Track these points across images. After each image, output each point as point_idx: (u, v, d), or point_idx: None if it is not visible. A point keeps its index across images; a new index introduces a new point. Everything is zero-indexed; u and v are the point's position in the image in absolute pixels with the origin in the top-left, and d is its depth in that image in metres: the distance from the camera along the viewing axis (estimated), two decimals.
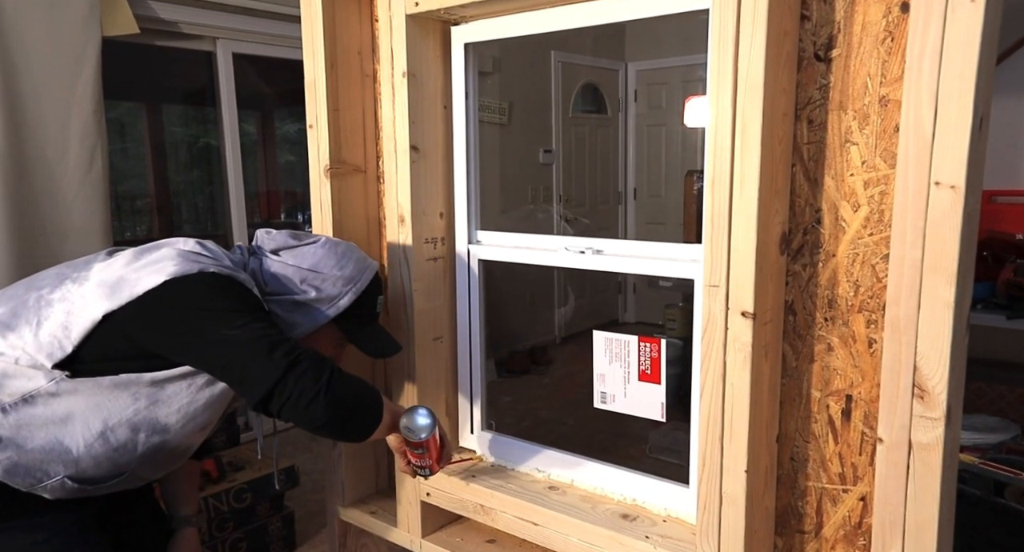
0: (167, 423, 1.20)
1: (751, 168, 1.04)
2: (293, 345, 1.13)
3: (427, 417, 1.29)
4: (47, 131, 2.51)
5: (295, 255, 1.29)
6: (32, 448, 1.14)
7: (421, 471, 1.35)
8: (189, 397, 1.20)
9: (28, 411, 1.13)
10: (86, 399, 1.15)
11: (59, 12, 2.50)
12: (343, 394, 1.14)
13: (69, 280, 1.18)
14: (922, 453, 0.98)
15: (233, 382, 1.13)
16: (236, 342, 1.11)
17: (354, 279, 1.30)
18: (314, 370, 1.11)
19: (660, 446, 3.21)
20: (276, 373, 1.09)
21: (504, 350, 4.54)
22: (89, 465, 1.18)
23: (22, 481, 1.16)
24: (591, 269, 1.41)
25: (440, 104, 1.53)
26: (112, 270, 1.17)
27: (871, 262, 1.07)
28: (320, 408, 1.11)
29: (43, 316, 1.15)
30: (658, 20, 1.25)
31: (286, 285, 1.27)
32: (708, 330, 1.11)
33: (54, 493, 1.19)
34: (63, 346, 1.13)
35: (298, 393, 1.09)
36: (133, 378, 1.16)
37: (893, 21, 1.01)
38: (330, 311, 1.28)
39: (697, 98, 3.98)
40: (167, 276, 1.13)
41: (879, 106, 1.04)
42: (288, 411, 1.11)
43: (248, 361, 1.10)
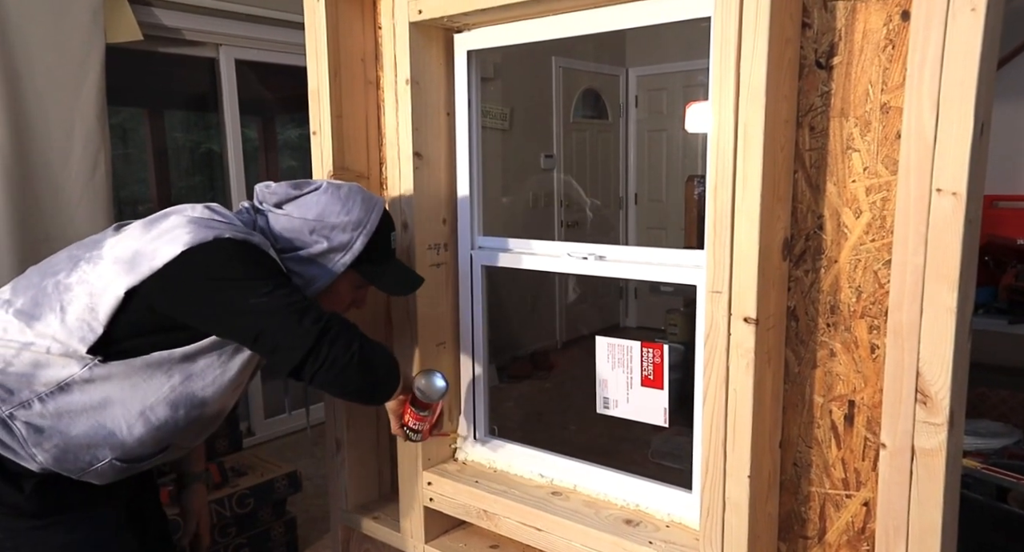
0: (204, 396, 1.21)
1: (753, 174, 1.04)
2: (320, 311, 1.14)
3: (444, 381, 1.32)
4: (51, 137, 2.52)
5: (299, 206, 1.26)
6: (76, 435, 1.15)
7: (413, 435, 1.35)
8: (221, 367, 1.21)
9: (65, 399, 1.15)
10: (121, 382, 1.16)
11: (63, 19, 2.52)
12: (373, 359, 1.16)
13: (83, 261, 1.18)
14: (925, 459, 0.98)
15: (264, 352, 1.13)
16: (264, 311, 1.10)
17: (363, 221, 1.27)
18: (345, 337, 1.12)
19: (662, 451, 3.21)
20: (308, 341, 1.09)
21: (506, 355, 4.55)
22: (134, 445, 1.19)
23: (72, 467, 1.17)
24: (593, 275, 1.42)
25: (443, 111, 1.54)
26: (125, 245, 1.16)
27: (873, 268, 1.07)
28: (354, 374, 1.12)
29: (65, 301, 1.15)
30: (659, 26, 1.26)
31: (296, 239, 1.25)
32: (711, 336, 1.11)
33: (103, 476, 1.21)
34: (93, 328, 1.13)
35: (331, 360, 1.10)
36: (164, 356, 1.16)
37: (894, 29, 1.02)
38: (345, 258, 1.26)
39: (698, 103, 3.99)
40: (184, 246, 1.12)
41: (880, 113, 1.04)
42: (321, 377, 1.11)
43: (278, 331, 1.10)
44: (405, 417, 1.34)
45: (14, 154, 2.43)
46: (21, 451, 1.16)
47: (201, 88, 3.41)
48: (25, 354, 1.15)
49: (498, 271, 1.59)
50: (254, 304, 1.11)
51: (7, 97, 2.40)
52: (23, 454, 1.16)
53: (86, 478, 1.20)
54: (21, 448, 1.15)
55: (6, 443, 1.16)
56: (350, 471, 1.72)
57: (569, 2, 1.28)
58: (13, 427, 1.14)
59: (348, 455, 1.71)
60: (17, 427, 1.15)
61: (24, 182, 2.46)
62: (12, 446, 1.16)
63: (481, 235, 1.59)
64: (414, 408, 1.32)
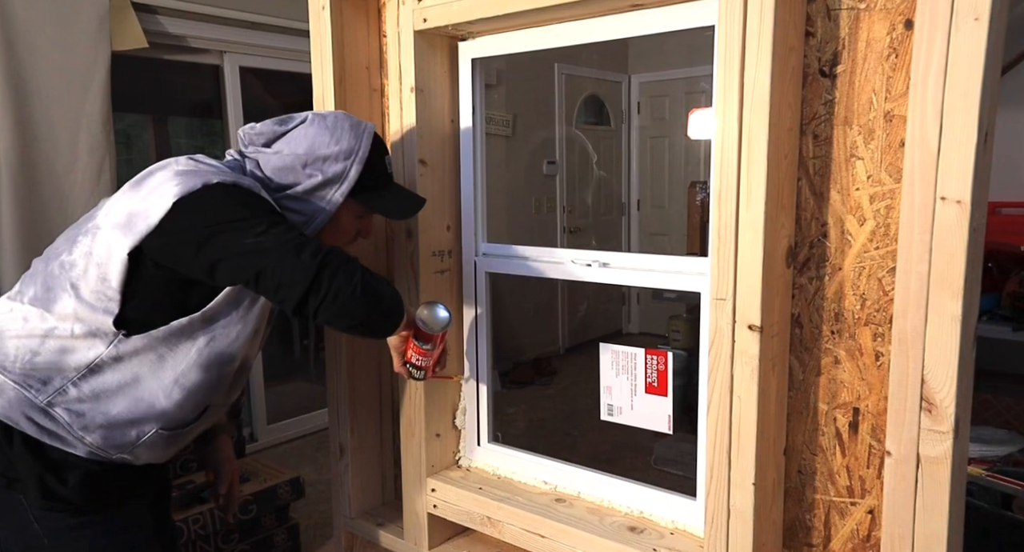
0: (232, 352, 1.23)
1: (758, 182, 1.05)
2: (319, 245, 1.13)
3: (447, 311, 1.30)
4: (56, 144, 2.53)
5: (288, 142, 1.24)
6: (118, 413, 1.18)
7: (416, 372, 1.34)
8: (241, 322, 1.22)
9: (98, 380, 1.16)
10: (148, 355, 1.17)
11: (69, 27, 2.53)
12: (377, 289, 1.15)
13: (81, 236, 1.18)
14: (930, 467, 0.98)
15: (268, 291, 1.12)
16: (261, 250, 1.10)
17: (354, 149, 1.25)
18: (346, 268, 1.12)
19: (665, 458, 3.21)
20: (309, 274, 1.08)
21: (508, 361, 4.55)
22: (175, 412, 1.22)
23: (121, 443, 1.19)
24: (597, 282, 1.42)
25: (447, 118, 1.54)
26: (118, 208, 1.17)
27: (877, 275, 1.07)
28: (359, 304, 1.11)
29: (74, 278, 1.16)
30: (662, 33, 1.27)
31: (290, 177, 1.24)
32: (715, 343, 1.11)
33: (154, 448, 1.23)
34: (110, 296, 1.14)
35: (334, 292, 1.09)
36: (185, 323, 1.17)
37: (897, 38, 1.02)
38: (342, 189, 1.25)
39: (700, 110, 4.00)
40: (174, 198, 1.12)
41: (884, 121, 1.04)
42: (325, 310, 1.10)
43: (278, 267, 1.09)
44: (408, 353, 1.32)
45: (20, 160, 2.44)
46: (68, 436, 1.17)
47: (205, 95, 3.42)
48: (50, 342, 1.16)
49: (501, 277, 1.59)
50: (250, 244, 1.10)
51: (13, 104, 2.41)
52: (70, 439, 1.18)
53: (137, 453, 1.22)
54: (68, 433, 1.17)
55: (52, 430, 1.17)
56: (353, 477, 1.72)
57: (573, 11, 1.29)
58: (55, 414, 1.16)
59: (352, 461, 1.71)
60: (59, 414, 1.16)
61: (29, 188, 2.48)
62: (58, 433, 1.17)
63: (485, 242, 1.59)
64: (417, 342, 1.30)
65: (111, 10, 2.64)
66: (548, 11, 1.29)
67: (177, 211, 1.11)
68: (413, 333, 1.30)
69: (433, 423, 1.58)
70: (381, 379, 1.74)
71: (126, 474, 1.25)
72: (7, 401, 1.17)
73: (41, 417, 1.17)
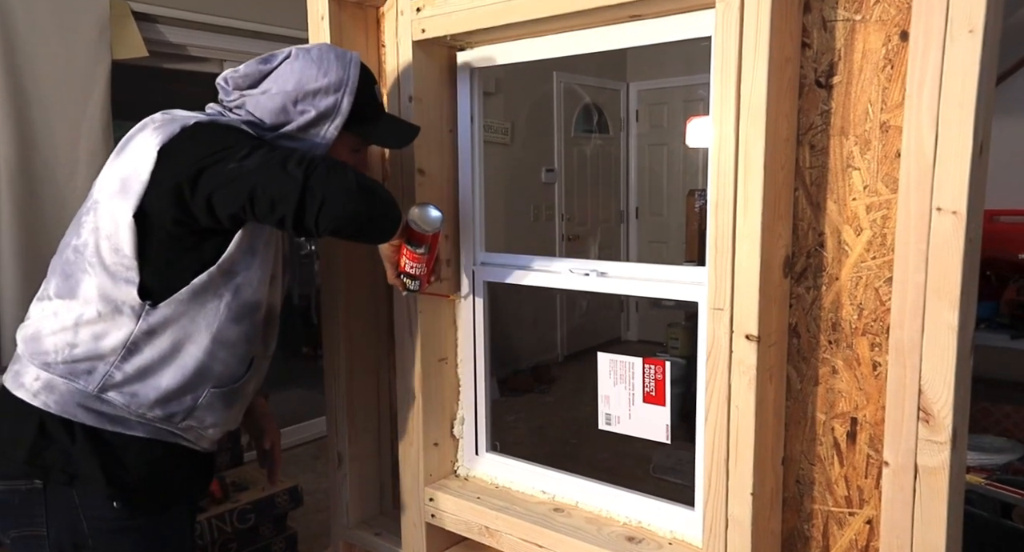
0: (257, 300, 1.24)
1: (755, 192, 1.05)
2: (303, 154, 1.13)
3: (438, 211, 1.29)
4: (57, 152, 2.53)
5: (275, 80, 1.22)
6: (169, 384, 1.19)
7: (411, 282, 1.33)
8: (259, 268, 1.23)
9: (139, 359, 1.17)
10: (180, 321, 1.18)
11: (70, 36, 2.54)
12: (370, 184, 1.15)
13: (84, 217, 1.20)
14: (928, 477, 0.98)
15: (265, 213, 1.11)
16: (247, 172, 1.10)
17: (343, 80, 1.23)
18: (336, 170, 1.12)
19: (664, 466, 3.20)
20: (298, 182, 1.08)
21: (507, 369, 4.54)
22: (222, 370, 1.24)
23: (180, 410, 1.21)
24: (596, 291, 1.42)
25: (446, 128, 1.55)
26: (110, 179, 1.18)
27: (874, 285, 1.07)
28: (357, 200, 1.11)
29: (88, 256, 1.17)
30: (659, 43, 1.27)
31: (282, 116, 1.22)
32: (713, 353, 1.12)
33: (214, 409, 1.25)
34: (127, 265, 1.15)
35: (329, 196, 1.09)
36: (206, 279, 1.17)
37: (893, 49, 1.03)
38: (336, 122, 1.23)
39: (699, 118, 4.01)
40: (157, 147, 1.13)
41: (880, 132, 1.05)
42: (326, 215, 1.09)
43: (267, 184, 1.09)
44: (401, 261, 1.31)
45: (20, 168, 2.44)
46: (129, 416, 1.19)
47: (205, 104, 3.43)
48: (83, 330, 1.17)
49: (499, 285, 1.59)
50: (234, 168, 1.10)
51: (13, 112, 2.42)
52: (132, 420, 1.19)
53: (200, 416, 1.24)
54: (128, 413, 1.18)
55: (111, 414, 1.18)
56: (352, 486, 1.72)
57: (572, 21, 1.30)
58: (109, 399, 1.17)
59: (350, 470, 1.71)
60: (113, 398, 1.18)
61: (30, 197, 2.48)
62: (118, 415, 1.19)
63: (484, 251, 1.60)
64: (410, 246, 1.29)
65: (112, 19, 2.65)
66: (547, 22, 1.30)
67: (163, 159, 1.12)
68: (405, 238, 1.28)
69: (431, 432, 1.58)
70: (379, 388, 1.74)
71: (185, 460, 1.27)
72: (60, 396, 1.17)
73: (97, 404, 1.18)
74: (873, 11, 1.04)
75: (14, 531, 1.20)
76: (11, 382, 1.22)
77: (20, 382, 1.20)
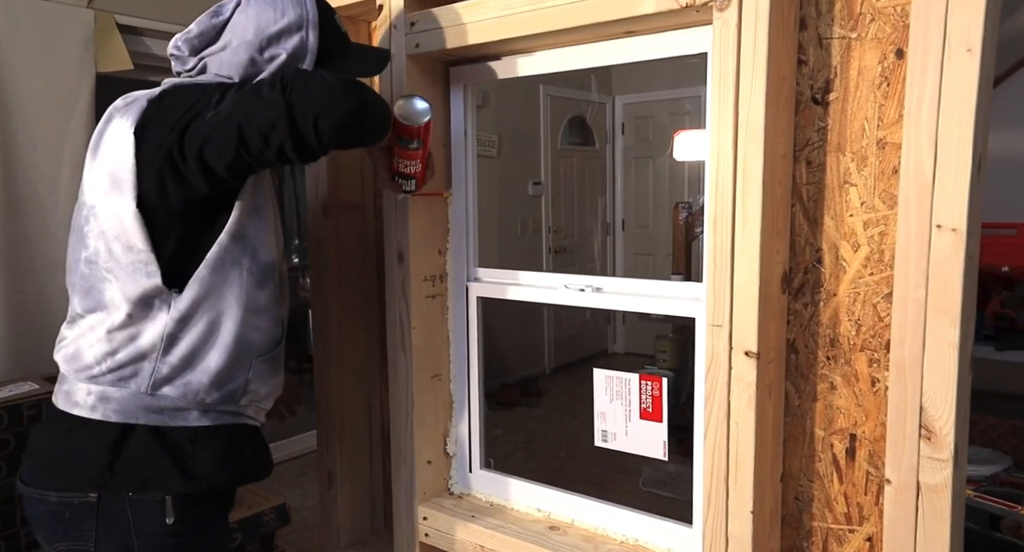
0: (272, 260, 1.22)
1: (753, 209, 1.05)
2: (273, 77, 1.10)
3: (425, 100, 1.24)
4: (39, 166, 2.49)
5: (232, 31, 1.18)
6: (217, 366, 1.17)
7: (406, 183, 1.30)
8: (269, 226, 1.20)
9: (179, 349, 1.16)
10: (208, 299, 1.16)
11: (53, 50, 2.51)
12: (350, 80, 1.10)
13: (85, 227, 1.16)
14: (930, 495, 0.98)
15: (259, 149, 1.07)
16: (227, 113, 1.06)
17: (303, 17, 1.19)
18: (312, 78, 1.08)
19: (654, 479, 3.19)
20: (279, 105, 1.04)
21: (495, 382, 4.52)
22: (261, 337, 1.23)
23: (236, 388, 1.20)
24: (590, 307, 1.41)
25: (439, 143, 1.54)
26: (97, 180, 1.14)
27: (872, 301, 1.07)
28: (348, 98, 1.07)
29: (102, 264, 1.14)
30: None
31: (252, 68, 1.18)
32: (712, 370, 1.11)
33: (264, 377, 1.25)
34: (145, 260, 1.12)
35: (318, 104, 1.04)
36: (219, 249, 1.15)
37: (888, 67, 1.03)
38: (309, 60, 1.20)
39: (686, 132, 4.04)
40: (131, 129, 1.10)
41: (877, 148, 1.05)
42: (324, 126, 1.05)
43: (250, 118, 1.05)
44: (394, 163, 1.28)
45: (1, 182, 2.40)
46: (189, 407, 1.17)
47: None
48: (118, 335, 1.15)
49: (489, 298, 1.58)
50: (213, 116, 1.07)
51: None
52: (194, 411, 1.18)
53: (255, 388, 1.23)
54: (187, 404, 1.17)
55: (172, 408, 1.17)
56: (343, 506, 1.69)
57: (567, 37, 1.30)
58: (165, 394, 1.16)
59: (341, 489, 1.68)
60: (167, 393, 1.16)
61: (11, 212, 2.43)
62: (179, 407, 1.17)
63: (477, 266, 1.58)
64: (401, 143, 1.25)
65: (96, 32, 2.62)
66: (542, 37, 1.30)
67: (142, 138, 1.10)
68: (396, 135, 1.25)
69: (424, 450, 1.56)
70: (371, 405, 1.72)
71: (249, 439, 1.26)
72: (118, 403, 1.16)
73: (155, 402, 1.16)
74: (869, 29, 1.05)
75: (62, 544, 1.19)
76: (64, 402, 1.20)
77: (74, 401, 1.18)
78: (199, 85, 1.16)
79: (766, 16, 1.01)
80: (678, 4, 1.10)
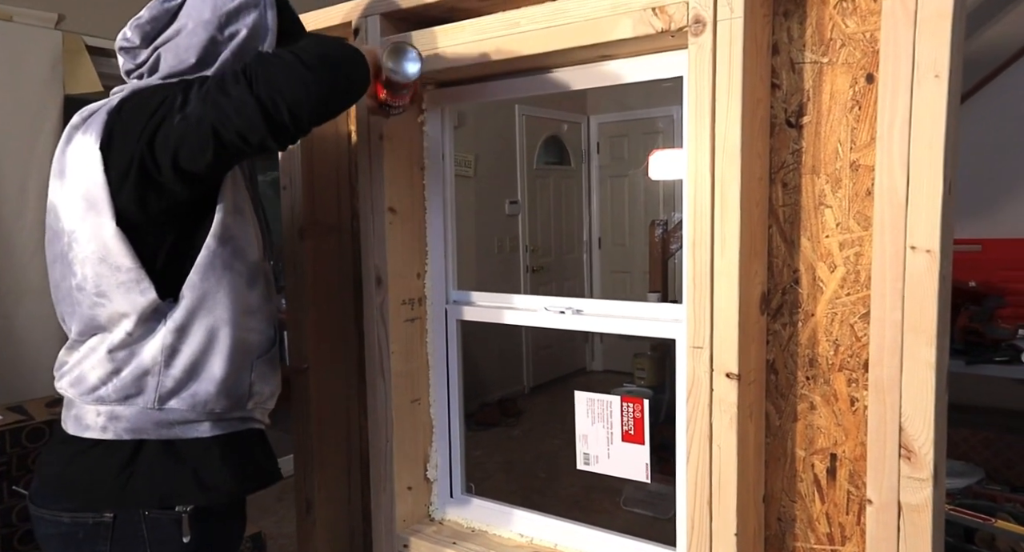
0: (257, 258, 1.21)
1: (731, 230, 1.06)
2: (234, 69, 1.06)
3: (416, 57, 1.20)
4: (4, 190, 2.45)
5: (188, 15, 1.14)
6: (221, 372, 1.16)
7: (395, 111, 1.28)
8: (250, 224, 1.19)
9: (180, 360, 1.13)
10: (204, 305, 1.13)
11: (20, 71, 2.47)
12: (315, 52, 1.05)
13: (68, 252, 1.13)
14: (911, 514, 0.98)
15: (240, 148, 1.04)
16: (196, 116, 1.02)
17: None
18: (272, 63, 1.03)
19: (634, 499, 3.18)
20: (248, 101, 1.00)
21: (474, 402, 4.49)
22: (258, 338, 1.22)
23: (241, 392, 1.19)
24: (570, 329, 1.41)
25: (416, 165, 1.53)
26: (70, 203, 1.11)
27: (850, 321, 1.09)
28: (317, 76, 1.02)
29: (90, 290, 1.11)
30: None
31: (212, 46, 1.14)
32: (693, 392, 1.11)
33: (266, 378, 1.24)
34: (135, 277, 1.09)
35: (288, 91, 1.00)
36: (207, 253, 1.12)
37: (859, 91, 1.05)
38: (270, 39, 1.17)
39: (661, 151, 4.08)
40: (96, 145, 1.07)
41: (850, 170, 1.07)
42: (301, 112, 1.01)
43: (222, 118, 1.01)
44: (382, 97, 1.26)
45: None
46: (199, 418, 1.16)
47: None
48: (119, 354, 1.13)
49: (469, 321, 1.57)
50: (181, 120, 1.03)
51: None
52: (204, 422, 1.16)
53: (259, 390, 1.22)
54: (196, 414, 1.15)
55: (181, 421, 1.14)
56: (321, 533, 1.65)
57: (543, 61, 1.30)
58: (172, 408, 1.14)
59: (319, 516, 1.65)
60: (174, 406, 1.14)
61: None
62: (188, 419, 1.15)
63: (455, 289, 1.57)
64: (390, 90, 1.23)
65: (65, 54, 2.59)
66: (519, 61, 1.30)
67: (108, 153, 1.07)
68: (384, 82, 1.22)
69: (404, 475, 1.53)
70: (350, 431, 1.69)
71: (258, 444, 1.25)
72: (128, 421, 1.13)
73: (163, 416, 1.14)
74: (839, 54, 1.07)
75: None
76: (74, 427, 1.17)
77: (84, 424, 1.15)
78: (158, 87, 1.13)
79: (740, 41, 1.03)
80: (653, 29, 1.11)
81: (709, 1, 1.04)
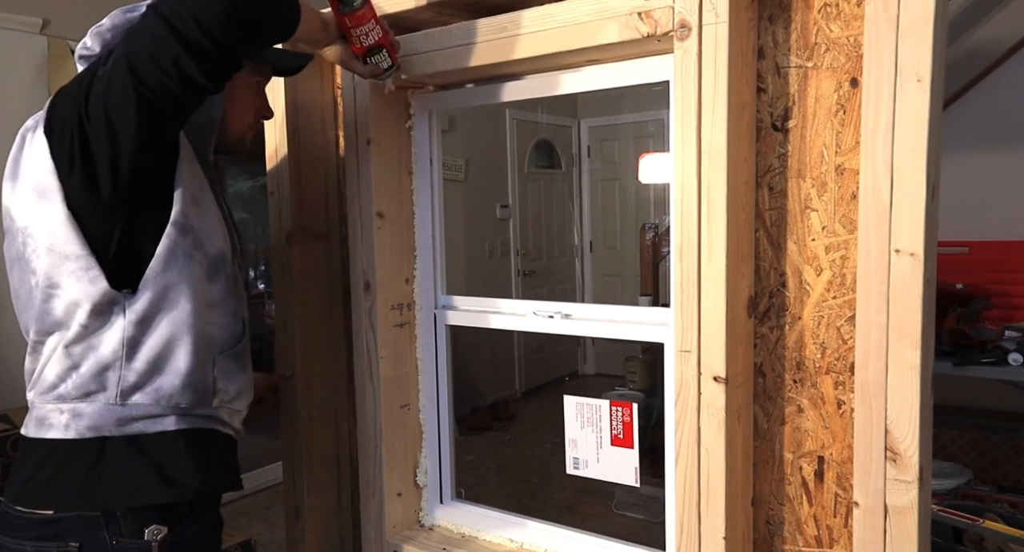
0: (219, 249, 1.19)
1: (718, 234, 1.06)
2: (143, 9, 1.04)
3: None
4: None
5: None
6: (185, 366, 1.14)
7: (382, 59, 1.23)
8: (210, 215, 1.17)
9: (142, 354, 1.12)
10: (165, 297, 1.12)
11: (5, 76, 2.46)
12: None
13: (26, 252, 1.11)
14: (898, 517, 0.98)
15: (158, 78, 0.98)
16: (113, 60, 1.00)
17: None
18: None
19: (626, 502, 3.18)
20: (156, 23, 0.97)
21: (465, 406, 4.48)
22: (220, 333, 1.20)
23: (205, 389, 1.17)
24: (559, 333, 1.41)
25: (404, 170, 1.53)
26: (24, 200, 1.10)
27: (836, 324, 1.09)
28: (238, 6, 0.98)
29: (43, 284, 1.10)
30: None
31: None
32: (681, 396, 1.11)
33: (231, 375, 1.21)
34: (84, 263, 1.07)
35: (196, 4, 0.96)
36: (168, 242, 1.11)
37: (844, 95, 1.06)
38: None
39: (651, 155, 4.09)
40: (43, 130, 1.07)
41: (836, 174, 1.08)
42: (206, 18, 0.96)
43: (134, 49, 0.99)
44: (353, 39, 1.21)
45: None
46: (163, 412, 1.13)
47: None
48: (75, 348, 1.11)
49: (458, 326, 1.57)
50: (103, 70, 1.01)
51: None
52: (169, 415, 1.13)
53: (223, 387, 1.20)
54: (160, 409, 1.13)
55: (143, 416, 1.12)
56: (310, 541, 1.64)
57: (530, 65, 1.31)
58: (136, 403, 1.12)
59: (308, 523, 1.64)
60: (138, 401, 1.11)
61: None
62: (151, 414, 1.13)
63: (444, 294, 1.57)
64: (344, 9, 1.16)
65: (51, 58, 2.58)
66: (506, 65, 1.30)
67: (51, 137, 1.07)
68: (339, 15, 1.18)
69: (394, 482, 1.53)
70: (339, 437, 1.68)
71: (227, 453, 1.23)
72: (90, 418, 1.11)
73: (126, 411, 1.12)
74: (824, 59, 1.07)
75: None
76: (35, 429, 1.14)
77: (47, 424, 1.12)
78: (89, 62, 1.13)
79: (725, 45, 1.03)
80: (639, 33, 1.12)
81: (694, 5, 1.05)
